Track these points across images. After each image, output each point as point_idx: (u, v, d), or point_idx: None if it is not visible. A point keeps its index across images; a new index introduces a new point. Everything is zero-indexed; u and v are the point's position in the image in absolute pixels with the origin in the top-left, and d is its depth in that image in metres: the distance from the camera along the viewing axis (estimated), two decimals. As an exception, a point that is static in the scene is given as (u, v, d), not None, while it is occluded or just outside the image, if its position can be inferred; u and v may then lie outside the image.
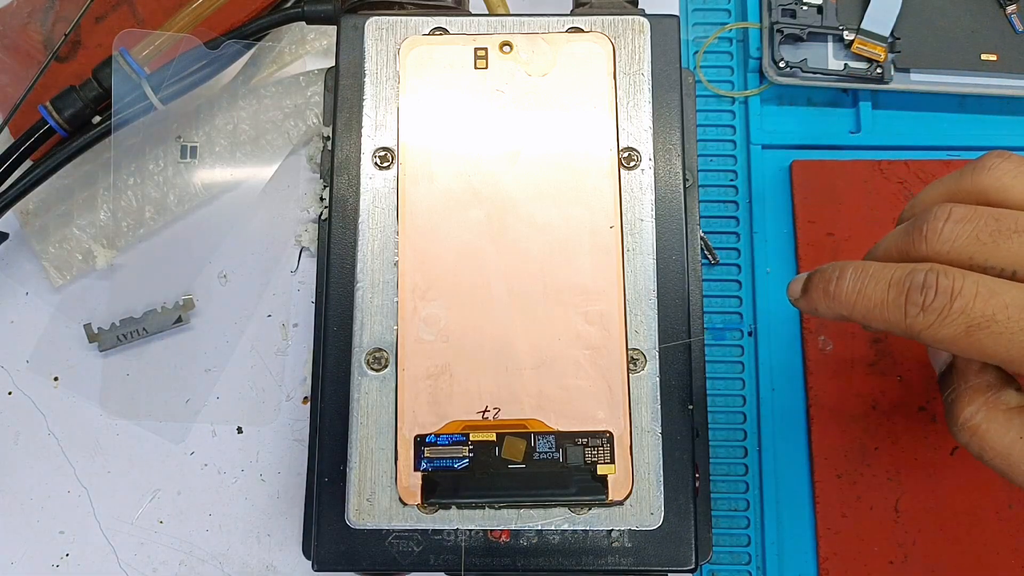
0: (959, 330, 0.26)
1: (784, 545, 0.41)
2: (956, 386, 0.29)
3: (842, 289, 0.29)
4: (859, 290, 0.28)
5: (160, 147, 0.45)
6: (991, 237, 0.27)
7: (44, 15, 0.45)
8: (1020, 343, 0.26)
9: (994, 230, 0.27)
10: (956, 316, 0.26)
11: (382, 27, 0.35)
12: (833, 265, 0.29)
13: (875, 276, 0.28)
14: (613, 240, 0.33)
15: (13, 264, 0.45)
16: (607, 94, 0.35)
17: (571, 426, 0.32)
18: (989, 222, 0.27)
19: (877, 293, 0.28)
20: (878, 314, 0.28)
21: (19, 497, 0.42)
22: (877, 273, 0.28)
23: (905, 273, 0.27)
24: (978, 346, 0.26)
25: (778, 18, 0.44)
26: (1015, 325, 0.26)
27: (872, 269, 0.28)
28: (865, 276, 0.28)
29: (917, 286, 0.27)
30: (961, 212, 0.27)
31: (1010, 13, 0.44)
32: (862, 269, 0.28)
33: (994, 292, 0.26)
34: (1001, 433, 0.28)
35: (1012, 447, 0.28)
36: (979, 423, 0.28)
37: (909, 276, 0.27)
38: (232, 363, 0.43)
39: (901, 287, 0.27)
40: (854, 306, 0.28)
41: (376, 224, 0.34)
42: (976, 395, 0.29)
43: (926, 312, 0.26)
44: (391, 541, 0.32)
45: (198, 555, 0.41)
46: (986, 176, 0.28)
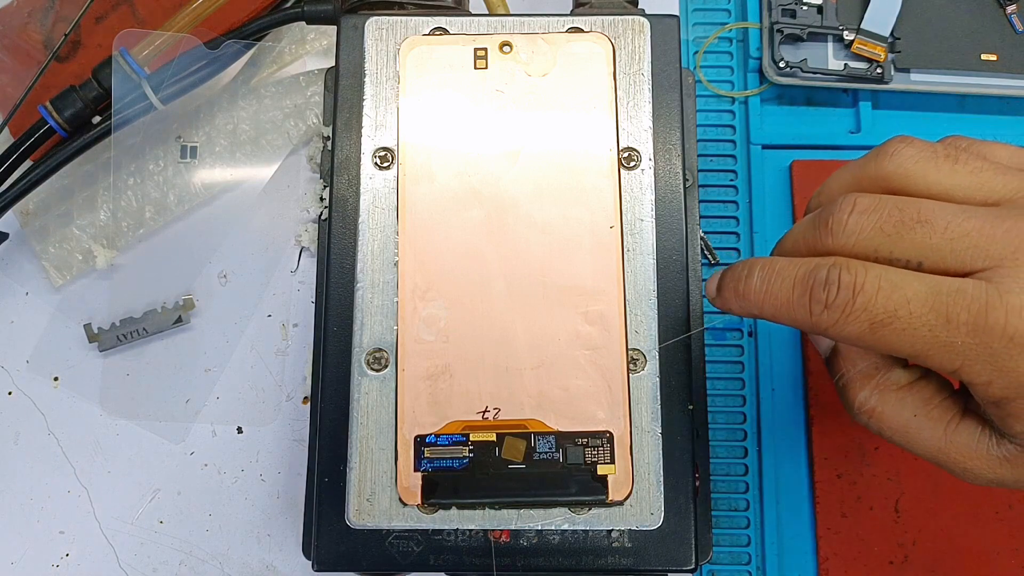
0: (863, 327, 0.26)
1: (784, 545, 0.41)
2: (844, 371, 0.29)
3: (750, 288, 0.28)
4: (766, 289, 0.28)
5: (160, 147, 0.45)
6: (895, 228, 0.26)
7: (44, 15, 0.45)
8: (924, 339, 0.25)
9: (898, 221, 0.26)
10: (859, 313, 0.26)
11: (382, 27, 0.35)
12: (743, 263, 0.29)
13: (781, 273, 0.27)
14: (613, 240, 0.33)
15: (13, 264, 0.45)
16: (607, 94, 0.35)
17: (571, 426, 0.32)
18: (893, 212, 0.26)
19: (783, 291, 0.27)
20: (785, 313, 0.27)
21: (19, 497, 0.42)
22: (783, 270, 0.27)
23: (809, 269, 0.27)
24: (884, 342, 0.26)
25: (778, 18, 0.44)
26: (917, 321, 0.25)
27: (779, 265, 0.28)
28: (772, 273, 0.28)
29: (820, 282, 0.26)
30: (865, 203, 0.27)
31: (1010, 13, 0.44)
32: (769, 266, 0.28)
33: (896, 286, 0.25)
34: (896, 412, 0.28)
35: (908, 424, 0.28)
36: (873, 405, 0.29)
37: (813, 272, 0.26)
38: (232, 363, 0.43)
39: (805, 284, 0.27)
40: (763, 305, 0.28)
41: (376, 224, 0.34)
42: (866, 380, 0.29)
43: (830, 309, 0.26)
44: (391, 541, 0.32)
45: (198, 555, 0.41)
46: (888, 162, 0.28)
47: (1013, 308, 0.24)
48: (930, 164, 0.27)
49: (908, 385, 0.28)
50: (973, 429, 0.27)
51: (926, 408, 0.28)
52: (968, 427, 0.28)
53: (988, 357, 0.25)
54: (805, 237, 0.28)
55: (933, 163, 0.27)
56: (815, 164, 0.44)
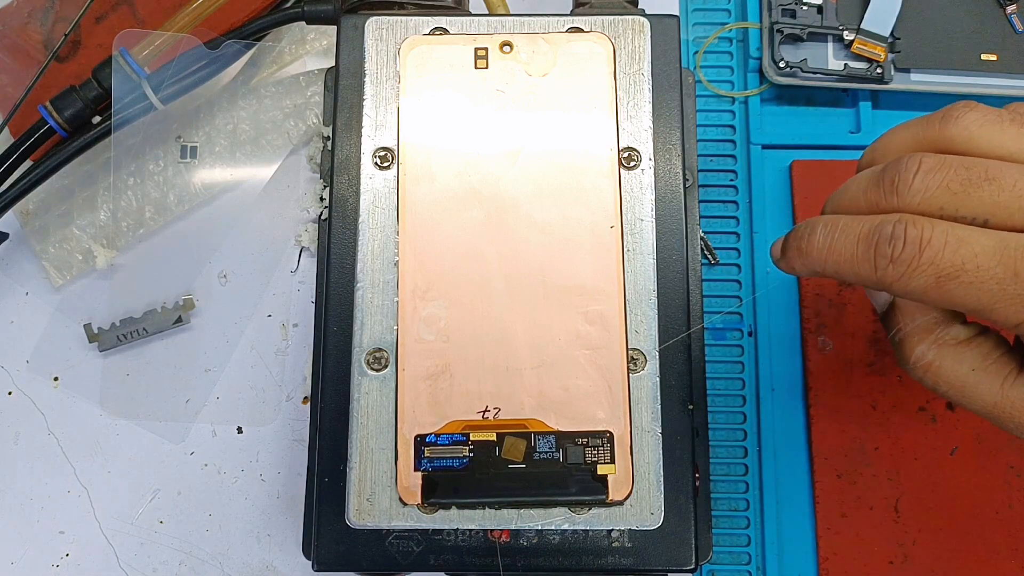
0: (929, 281, 0.26)
1: (784, 545, 0.41)
2: (902, 326, 0.29)
3: (813, 245, 0.28)
4: (829, 245, 0.28)
5: (160, 147, 0.45)
6: (962, 186, 0.26)
7: (44, 15, 0.45)
8: (990, 292, 0.25)
9: (964, 179, 0.26)
10: (926, 267, 0.26)
11: (382, 27, 0.35)
12: (806, 222, 0.29)
13: (844, 230, 0.28)
14: (613, 240, 0.33)
15: (13, 264, 0.45)
16: (607, 94, 0.35)
17: (571, 426, 0.32)
18: (960, 171, 0.26)
19: (847, 247, 0.27)
20: (849, 268, 0.27)
21: (19, 497, 0.42)
22: (847, 227, 0.28)
23: (874, 225, 0.27)
24: (949, 296, 0.26)
25: (778, 18, 0.44)
26: (985, 274, 0.25)
27: (842, 223, 0.28)
28: (835, 230, 0.28)
29: (886, 237, 0.26)
30: (931, 162, 0.27)
31: (1010, 13, 0.44)
32: (832, 224, 0.28)
33: (963, 241, 0.25)
34: (954, 367, 0.28)
35: (966, 379, 0.28)
36: (931, 360, 0.29)
37: (878, 228, 0.26)
38: (232, 363, 0.43)
39: (870, 240, 0.27)
40: (826, 261, 0.28)
41: (376, 224, 0.34)
42: (925, 334, 0.29)
43: (895, 264, 0.26)
44: (391, 541, 0.32)
45: (198, 555, 0.41)
46: (954, 125, 0.28)
47: None
48: (995, 127, 0.27)
49: (967, 340, 0.28)
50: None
51: (984, 363, 0.28)
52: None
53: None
54: (866, 194, 0.28)
55: (999, 127, 0.27)
56: (815, 164, 0.44)
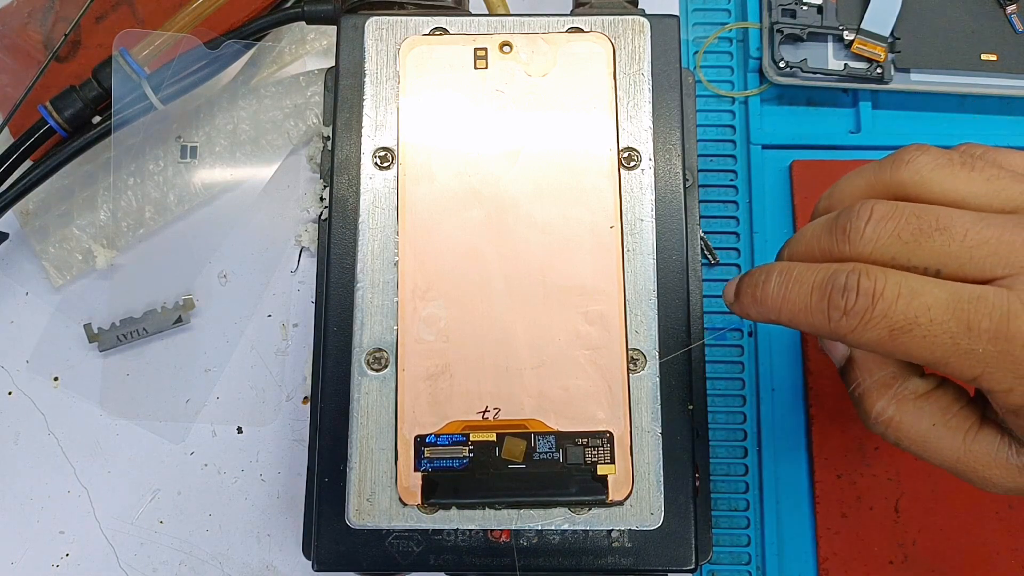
0: (883, 334, 0.25)
1: (784, 545, 0.41)
2: (860, 381, 0.29)
3: (768, 293, 0.28)
4: (783, 295, 0.27)
5: (160, 147, 0.45)
6: (913, 236, 0.26)
7: (44, 15, 0.45)
8: (944, 346, 0.25)
9: (916, 228, 0.26)
10: (879, 320, 0.25)
11: (382, 27, 0.35)
12: (760, 268, 0.29)
13: (798, 279, 0.27)
14: (613, 240, 0.33)
15: (13, 264, 0.45)
16: (607, 94, 0.35)
17: (571, 426, 0.32)
18: (911, 220, 0.26)
19: (801, 297, 0.27)
20: (803, 318, 0.27)
21: (19, 497, 0.42)
22: (801, 275, 0.27)
23: (828, 275, 0.26)
24: (903, 349, 0.26)
25: (778, 18, 0.44)
26: (938, 328, 0.25)
27: (796, 271, 0.27)
28: (789, 279, 0.27)
29: (839, 288, 0.26)
30: (882, 210, 0.27)
31: (1010, 13, 0.44)
32: (787, 271, 0.28)
33: (916, 293, 0.25)
34: (914, 423, 0.28)
35: (928, 434, 0.28)
36: (892, 416, 0.28)
37: (831, 278, 0.26)
38: (232, 363, 0.43)
39: (824, 290, 0.26)
40: (780, 310, 0.28)
41: (376, 224, 0.34)
42: (884, 389, 0.29)
43: (848, 316, 0.26)
44: (391, 541, 0.32)
45: (198, 555, 0.41)
46: (905, 170, 0.28)
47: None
48: (946, 171, 0.27)
49: (926, 394, 0.28)
50: (992, 438, 0.27)
51: (944, 417, 0.28)
52: (987, 436, 0.27)
53: (1010, 365, 0.25)
54: (819, 242, 0.28)
55: (949, 170, 0.27)
56: (815, 164, 0.44)
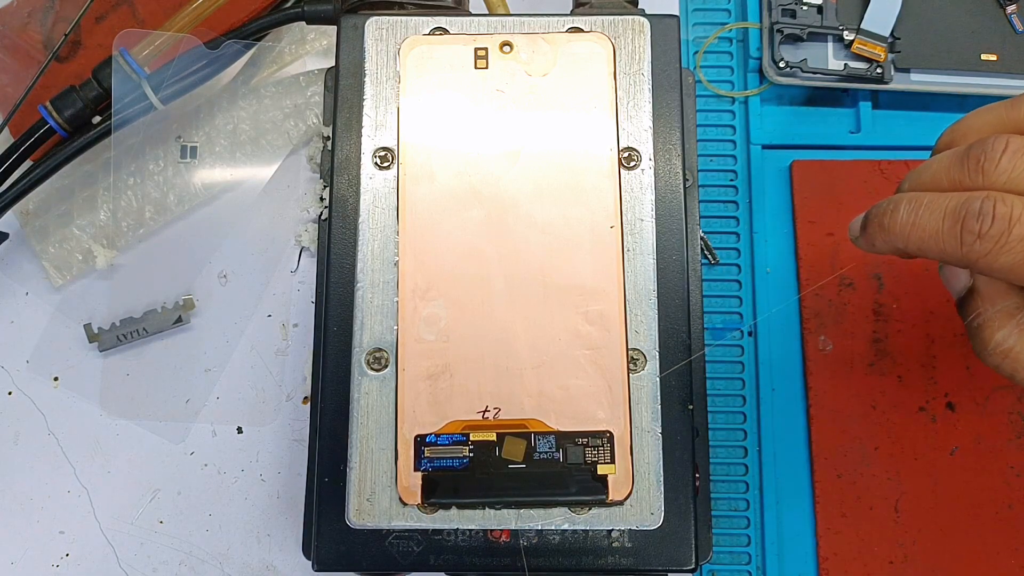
0: (1018, 258, 0.26)
1: (784, 545, 0.41)
2: (982, 310, 0.29)
3: (896, 220, 0.28)
4: (913, 221, 0.28)
5: (160, 147, 0.45)
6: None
7: (44, 15, 0.45)
8: None
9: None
10: (1015, 244, 0.25)
11: (382, 27, 0.35)
12: (890, 199, 0.29)
13: (929, 206, 0.27)
14: (613, 240, 0.33)
15: (13, 264, 0.45)
16: (607, 94, 0.35)
17: (571, 426, 0.32)
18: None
19: (932, 223, 0.27)
20: (933, 244, 0.27)
21: (19, 497, 0.42)
22: (932, 203, 0.27)
23: (961, 202, 0.26)
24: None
25: (778, 18, 0.44)
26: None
27: (926, 199, 0.28)
28: (919, 206, 0.28)
29: (974, 213, 0.26)
30: (1019, 143, 0.27)
31: (1010, 13, 0.44)
32: (916, 200, 0.28)
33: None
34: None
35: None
36: (1012, 345, 0.28)
37: (965, 204, 0.26)
38: (232, 363, 0.43)
39: (957, 215, 0.26)
40: (909, 237, 0.28)
41: (376, 224, 0.34)
42: (1007, 318, 0.28)
43: (983, 240, 0.26)
44: (391, 541, 0.32)
45: (198, 555, 0.41)
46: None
47: None
48: None
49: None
50: None
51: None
52: None
53: None
54: (949, 173, 0.28)
55: None
56: (815, 164, 0.44)
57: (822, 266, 0.43)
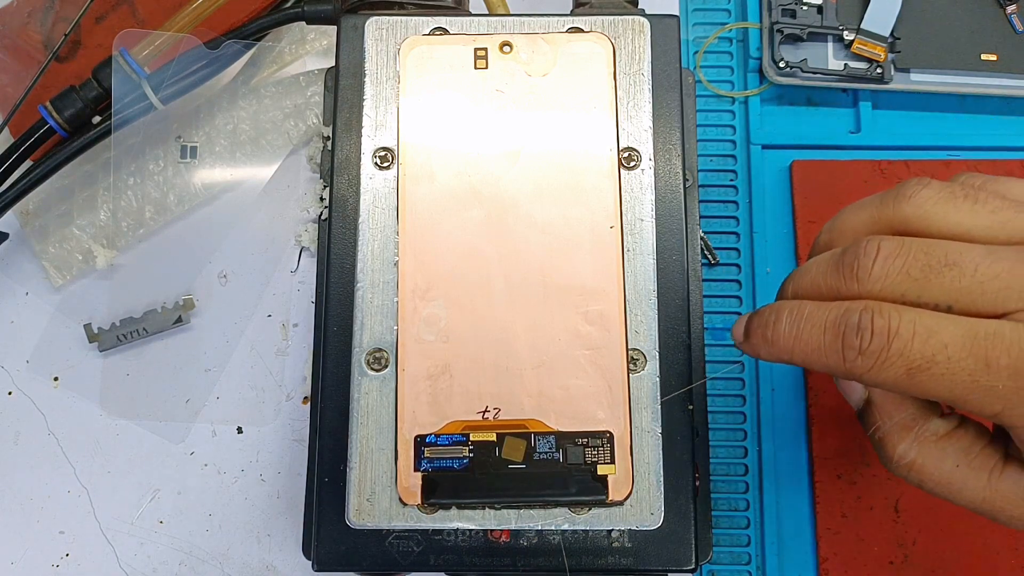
0: (900, 373, 0.25)
1: (784, 545, 0.41)
2: (880, 424, 0.29)
3: (779, 333, 0.28)
4: (795, 335, 0.27)
5: (160, 147, 0.45)
6: (922, 272, 0.26)
7: (44, 15, 0.45)
8: (963, 383, 0.25)
9: (925, 264, 0.26)
10: (895, 359, 0.25)
11: (382, 27, 0.35)
12: (770, 307, 0.28)
13: (810, 318, 0.27)
14: (613, 240, 0.33)
15: (13, 264, 0.45)
16: (607, 94, 0.35)
17: (571, 426, 0.32)
18: (919, 256, 0.26)
19: (814, 336, 0.27)
20: (817, 358, 0.27)
21: (19, 497, 0.42)
22: (812, 315, 0.27)
23: (840, 313, 0.26)
24: (921, 388, 0.25)
25: (778, 18, 0.44)
26: (956, 365, 0.25)
27: (807, 310, 0.27)
28: (800, 318, 0.27)
29: (853, 328, 0.26)
30: (890, 247, 0.26)
31: (1010, 13, 0.44)
32: (797, 311, 0.27)
33: (932, 331, 0.25)
34: (937, 465, 0.28)
35: (952, 476, 0.28)
36: (913, 459, 0.28)
37: (844, 317, 0.26)
38: (232, 363, 0.43)
39: (837, 330, 0.26)
40: (792, 351, 0.27)
41: (376, 224, 0.34)
42: (904, 432, 0.28)
43: (864, 356, 0.25)
44: (391, 541, 0.32)
45: (198, 555, 0.41)
46: (907, 205, 0.27)
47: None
48: (950, 205, 0.27)
49: (947, 435, 0.28)
50: (1017, 476, 0.27)
51: (967, 457, 0.28)
52: (1012, 474, 0.27)
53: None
54: (826, 280, 0.28)
55: (953, 204, 0.27)
56: (815, 164, 0.44)
57: (822, 266, 0.43)
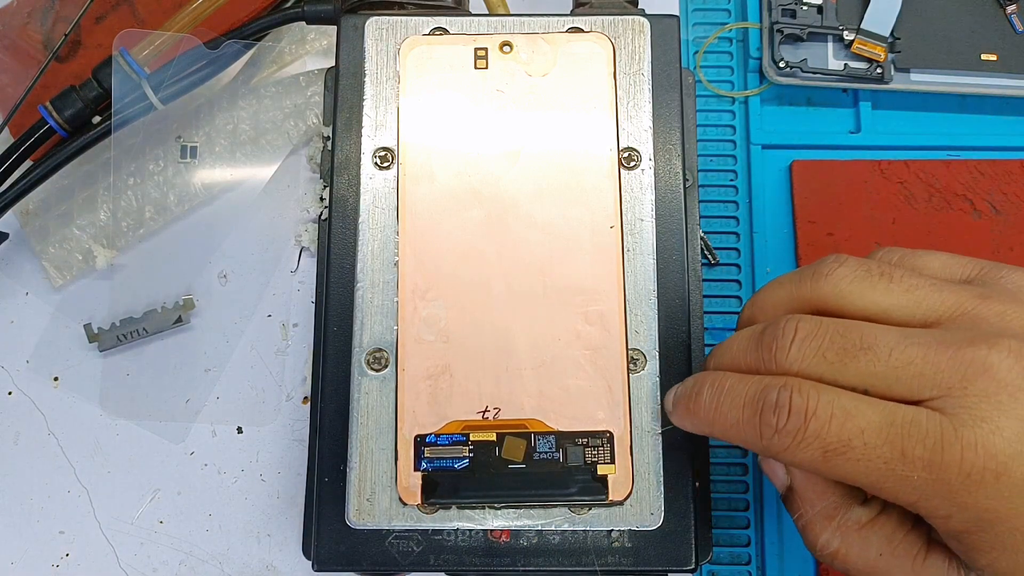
0: (816, 454, 0.25)
1: (784, 545, 0.41)
2: (803, 512, 0.29)
3: (700, 405, 0.28)
4: (715, 407, 0.27)
5: (160, 147, 0.45)
6: (838, 355, 0.26)
7: (44, 15, 0.45)
8: (879, 470, 0.25)
9: (840, 347, 0.26)
10: (812, 440, 0.25)
11: (382, 27, 0.35)
12: (694, 378, 0.28)
13: (731, 392, 0.27)
14: (613, 240, 0.33)
15: (13, 264, 0.45)
16: (607, 94, 0.35)
17: (571, 426, 0.32)
18: (835, 339, 0.26)
19: (733, 411, 0.27)
20: (735, 433, 0.27)
21: (19, 497, 0.42)
22: (732, 388, 0.27)
23: (759, 389, 0.26)
24: (837, 471, 0.25)
25: (778, 18, 0.44)
26: (872, 452, 0.24)
27: (728, 383, 0.27)
28: (721, 392, 0.27)
29: (771, 405, 0.25)
30: (806, 328, 0.26)
31: (1010, 13, 0.44)
32: (718, 384, 0.27)
33: (849, 414, 0.25)
34: (861, 553, 0.27)
35: (876, 564, 0.27)
36: (837, 548, 0.28)
37: (763, 393, 0.26)
38: (232, 363, 0.43)
39: (755, 406, 0.26)
40: (713, 423, 0.27)
41: (376, 224, 0.34)
42: (827, 520, 0.28)
43: (781, 434, 0.25)
44: (391, 541, 0.32)
45: (198, 555, 0.41)
46: (824, 283, 0.27)
47: (968, 443, 0.24)
48: (865, 284, 0.27)
49: (870, 522, 0.28)
50: (940, 563, 0.27)
51: (891, 545, 0.27)
52: (935, 561, 0.27)
53: (946, 492, 0.24)
54: (746, 357, 0.28)
55: (868, 283, 0.27)
56: (815, 164, 0.44)
57: (822, 266, 0.43)
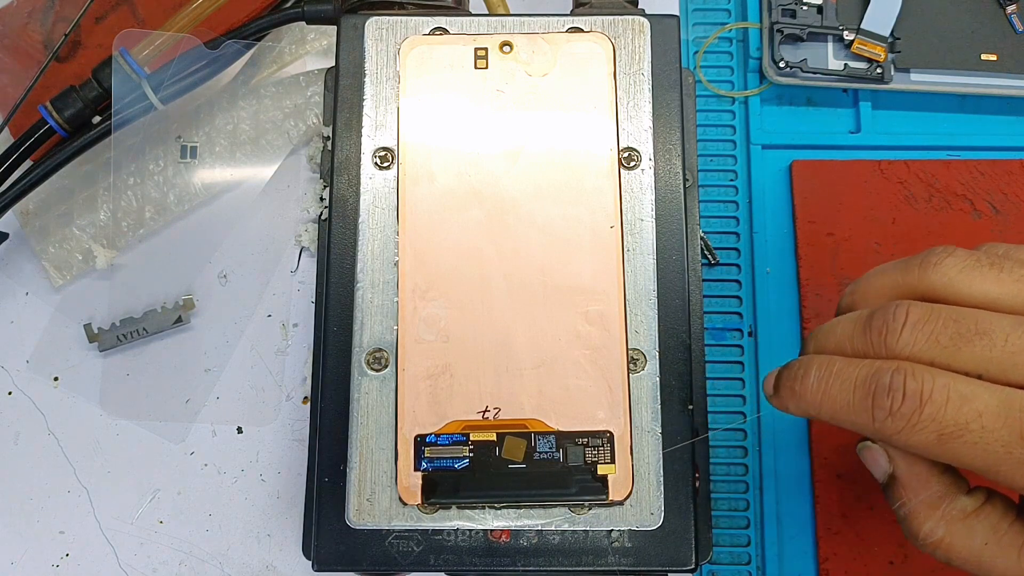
0: (931, 438, 0.25)
1: (784, 545, 0.41)
2: (905, 500, 0.28)
3: (807, 388, 0.27)
4: (824, 390, 0.27)
5: (160, 147, 0.45)
6: (952, 341, 0.25)
7: (44, 15, 0.45)
8: (995, 454, 0.24)
9: (955, 333, 0.25)
10: (927, 423, 0.25)
11: (382, 27, 0.35)
12: (799, 361, 0.28)
13: (839, 375, 0.27)
14: (613, 240, 0.33)
15: (13, 264, 0.45)
16: (607, 94, 0.35)
17: (571, 426, 0.32)
18: (948, 324, 0.26)
19: (843, 393, 0.26)
20: (845, 416, 0.26)
21: (19, 497, 0.42)
22: (841, 371, 0.27)
23: (871, 372, 0.26)
24: (951, 454, 0.25)
25: (778, 18, 0.44)
26: (989, 435, 0.24)
27: (836, 366, 0.27)
28: (829, 375, 0.27)
29: (884, 388, 0.25)
30: (919, 313, 0.26)
31: (1010, 13, 0.44)
32: (826, 366, 0.27)
33: (966, 398, 0.24)
34: (966, 542, 0.27)
35: (981, 553, 0.27)
36: (941, 536, 0.27)
37: (875, 377, 0.26)
38: (232, 363, 0.43)
39: (867, 388, 0.26)
40: (820, 406, 0.27)
41: (376, 224, 0.34)
42: (931, 509, 0.28)
43: (895, 417, 0.25)
44: (391, 541, 0.32)
45: (198, 555, 0.41)
46: (933, 272, 0.27)
47: None
48: (975, 273, 0.27)
49: (975, 512, 0.27)
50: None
51: (996, 535, 0.27)
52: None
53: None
54: (853, 341, 0.27)
55: (979, 272, 0.27)
56: (815, 164, 0.44)
57: (822, 266, 0.43)
